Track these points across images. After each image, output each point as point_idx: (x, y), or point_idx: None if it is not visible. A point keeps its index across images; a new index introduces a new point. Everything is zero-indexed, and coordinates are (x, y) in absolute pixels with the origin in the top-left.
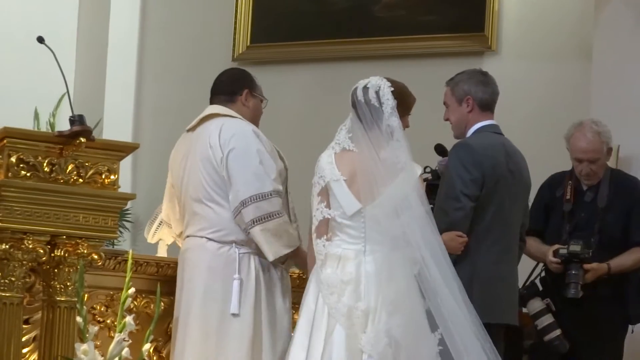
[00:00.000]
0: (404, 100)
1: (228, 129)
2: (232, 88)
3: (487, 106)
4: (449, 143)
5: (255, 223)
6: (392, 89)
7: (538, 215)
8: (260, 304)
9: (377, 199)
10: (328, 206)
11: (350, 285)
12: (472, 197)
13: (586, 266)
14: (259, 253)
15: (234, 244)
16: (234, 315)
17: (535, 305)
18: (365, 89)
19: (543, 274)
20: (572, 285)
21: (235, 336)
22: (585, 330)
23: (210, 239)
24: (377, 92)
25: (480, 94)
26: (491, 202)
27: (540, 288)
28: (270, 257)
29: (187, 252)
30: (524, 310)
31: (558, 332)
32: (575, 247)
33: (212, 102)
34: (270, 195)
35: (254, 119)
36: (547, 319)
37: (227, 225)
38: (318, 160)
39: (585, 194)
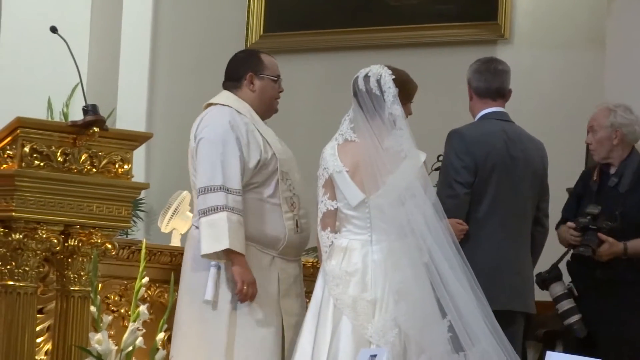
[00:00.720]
0: (405, 88)
1: (205, 120)
2: (237, 73)
3: (484, 94)
4: None
5: (201, 215)
6: (394, 77)
7: (570, 204)
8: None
9: (381, 189)
10: (331, 198)
11: (356, 276)
12: (465, 184)
13: (601, 236)
14: (248, 240)
15: None
16: (207, 302)
17: (557, 289)
18: (367, 77)
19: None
20: (582, 246)
21: (212, 324)
22: (607, 315)
23: (196, 227)
24: (378, 81)
25: (475, 82)
26: (488, 189)
27: (565, 273)
28: (201, 252)
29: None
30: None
31: (578, 316)
32: (593, 210)
33: (223, 88)
34: (219, 189)
35: (263, 102)
36: (568, 304)
37: None
38: (322, 152)
39: (610, 179)
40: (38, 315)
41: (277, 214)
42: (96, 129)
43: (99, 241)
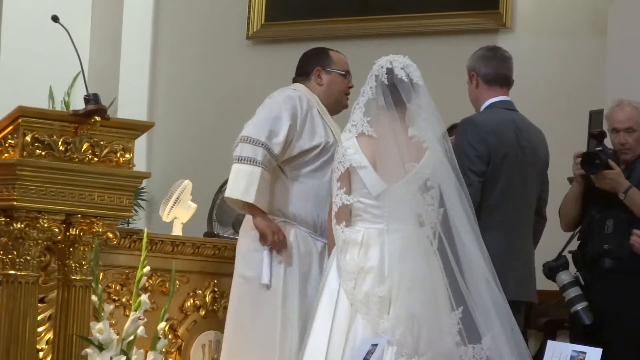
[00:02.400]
0: None
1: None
2: (305, 69)
3: (493, 81)
4: None
5: (236, 160)
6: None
7: None
8: (291, 274)
9: (404, 178)
10: (348, 192)
11: (372, 272)
12: (479, 173)
13: (611, 163)
14: (299, 222)
15: (272, 214)
16: (264, 285)
17: (563, 277)
18: (392, 67)
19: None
20: (589, 161)
21: (266, 304)
22: (613, 304)
23: None
24: (406, 71)
25: (484, 69)
26: (499, 178)
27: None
28: (226, 194)
29: None
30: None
31: (584, 304)
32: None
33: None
34: (261, 145)
35: (332, 95)
36: (574, 291)
37: (271, 195)
38: (340, 145)
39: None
40: (39, 305)
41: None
42: (97, 118)
43: (101, 230)
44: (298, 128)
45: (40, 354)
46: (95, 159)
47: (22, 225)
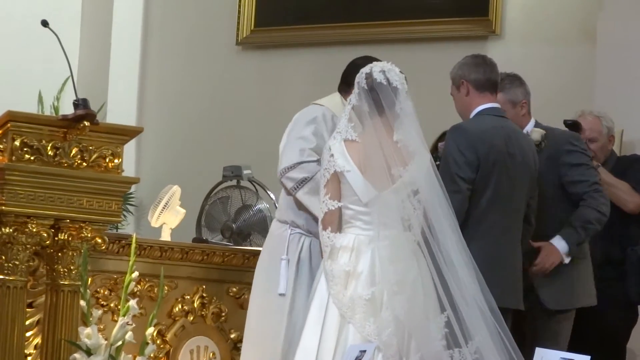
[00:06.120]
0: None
1: (298, 114)
2: (349, 78)
3: (483, 87)
4: None
5: (295, 190)
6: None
7: None
8: (301, 283)
9: (393, 185)
10: (333, 198)
11: (361, 277)
12: (468, 180)
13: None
14: (315, 234)
15: (288, 225)
16: (280, 295)
17: None
18: (369, 75)
19: None
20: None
21: (276, 309)
22: (590, 311)
23: (276, 219)
24: (390, 77)
25: (474, 75)
26: (487, 185)
27: None
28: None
29: None
30: None
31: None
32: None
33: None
34: (298, 164)
35: None
36: None
37: (284, 205)
38: (328, 151)
39: None
40: (28, 309)
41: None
42: (87, 123)
43: (89, 235)
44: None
45: (29, 359)
46: (84, 164)
47: (11, 230)
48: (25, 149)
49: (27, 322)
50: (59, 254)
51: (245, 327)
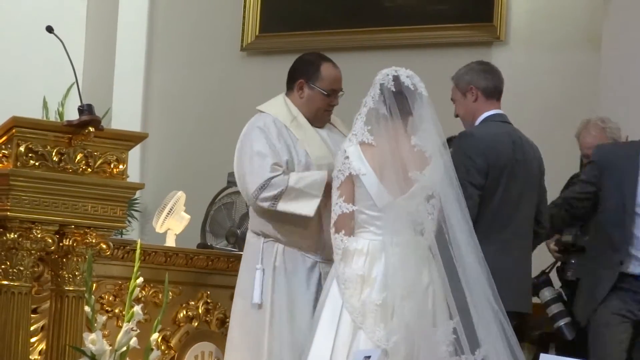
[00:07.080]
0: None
1: (243, 131)
2: (291, 76)
3: (491, 94)
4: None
5: (274, 206)
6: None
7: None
8: (279, 292)
9: (409, 191)
10: (347, 200)
11: (375, 283)
12: (478, 186)
13: None
14: (285, 242)
15: (261, 234)
16: (256, 304)
17: (546, 294)
18: (397, 78)
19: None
20: (570, 270)
21: (255, 323)
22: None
23: (250, 230)
24: (410, 82)
25: (483, 82)
26: (496, 191)
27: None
28: (312, 214)
29: None
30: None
31: (567, 319)
32: (567, 237)
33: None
34: (267, 182)
35: (310, 110)
36: (557, 307)
37: (252, 215)
38: (343, 153)
39: None
40: (32, 315)
41: (315, 218)
42: (91, 129)
43: (94, 241)
44: (279, 150)
45: None
46: (89, 169)
47: (16, 236)
48: (30, 155)
49: (32, 328)
50: (64, 260)
51: (227, 338)
